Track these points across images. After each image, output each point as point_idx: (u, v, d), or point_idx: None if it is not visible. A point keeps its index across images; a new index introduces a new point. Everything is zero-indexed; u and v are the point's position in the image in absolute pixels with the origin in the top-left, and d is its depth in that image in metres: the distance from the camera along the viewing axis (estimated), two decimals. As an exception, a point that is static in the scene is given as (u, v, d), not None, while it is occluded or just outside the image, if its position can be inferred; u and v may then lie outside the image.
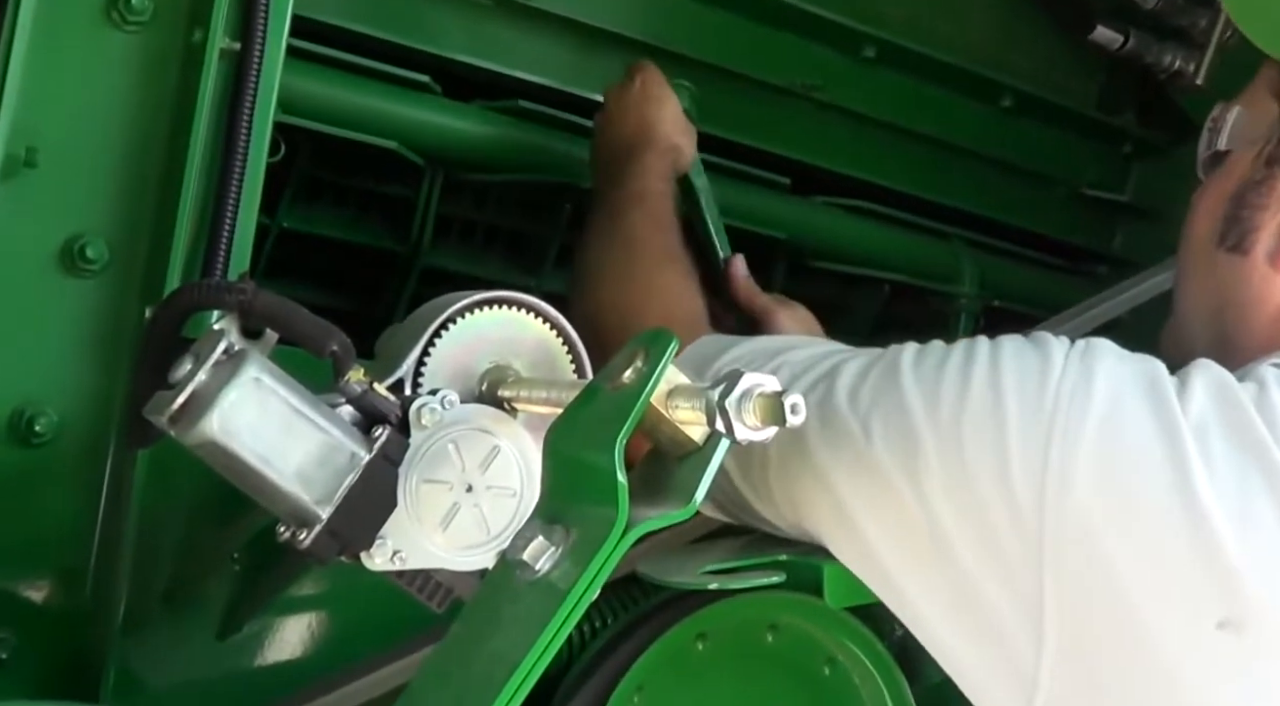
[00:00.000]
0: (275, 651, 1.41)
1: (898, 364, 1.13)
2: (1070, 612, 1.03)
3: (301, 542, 1.01)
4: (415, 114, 1.73)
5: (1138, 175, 2.46)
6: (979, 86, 2.21)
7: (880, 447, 1.09)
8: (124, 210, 1.25)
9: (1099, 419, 1.03)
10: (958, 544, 1.06)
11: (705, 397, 0.88)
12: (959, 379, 1.08)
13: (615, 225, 1.58)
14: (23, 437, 1.23)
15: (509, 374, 1.12)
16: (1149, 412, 1.03)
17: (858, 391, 1.13)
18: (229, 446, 0.98)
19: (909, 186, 2.21)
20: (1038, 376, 1.06)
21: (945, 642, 1.12)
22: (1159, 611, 1.01)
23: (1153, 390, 1.05)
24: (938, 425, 1.07)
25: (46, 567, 1.28)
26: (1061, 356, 1.07)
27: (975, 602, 1.07)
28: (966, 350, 1.11)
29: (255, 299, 1.04)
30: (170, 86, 1.25)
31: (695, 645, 1.42)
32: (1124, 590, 1.02)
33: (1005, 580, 1.04)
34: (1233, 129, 1.32)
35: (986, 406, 1.06)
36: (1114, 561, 1.01)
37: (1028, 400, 1.05)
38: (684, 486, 0.90)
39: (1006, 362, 1.08)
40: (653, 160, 1.65)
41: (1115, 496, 1.02)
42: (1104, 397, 1.04)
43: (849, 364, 1.17)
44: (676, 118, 1.73)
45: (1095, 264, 2.51)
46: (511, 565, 0.92)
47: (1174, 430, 1.02)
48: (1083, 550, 1.02)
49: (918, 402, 1.09)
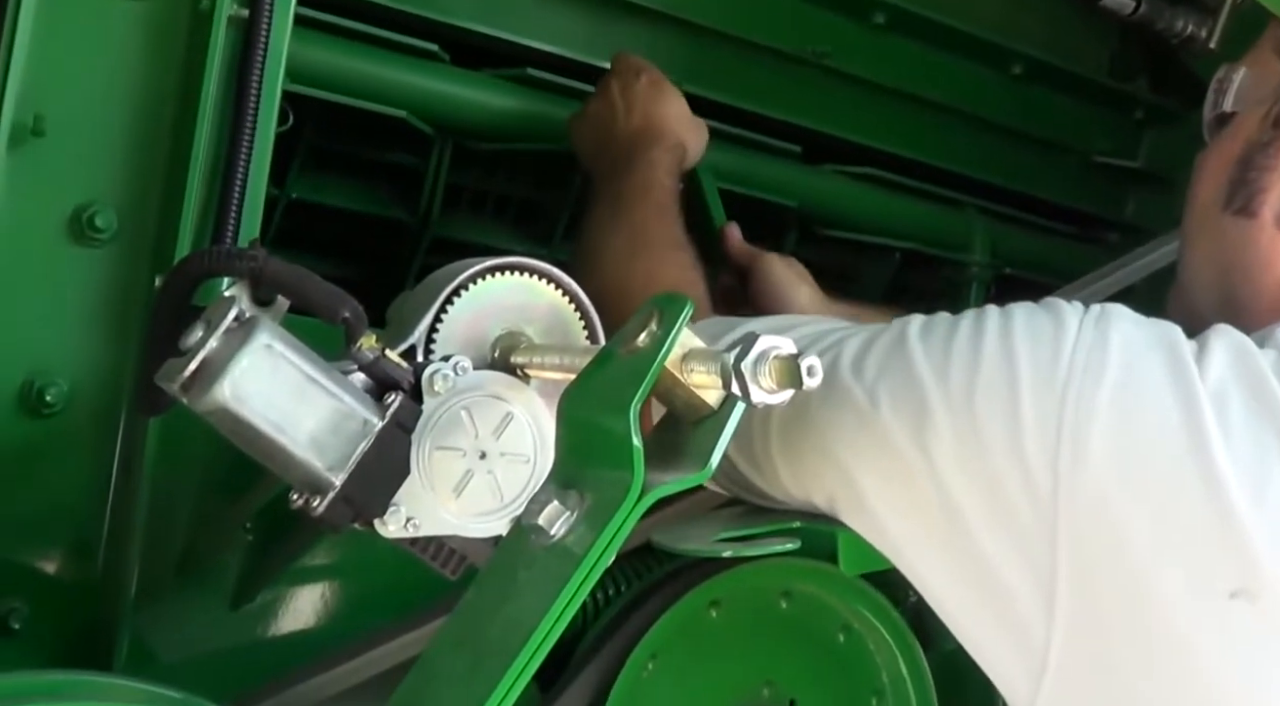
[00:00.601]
0: (289, 621, 1.41)
1: (905, 335, 1.11)
2: (1083, 582, 1.01)
3: (315, 510, 1.01)
4: (424, 83, 1.72)
5: (1150, 141, 2.44)
6: (990, 53, 2.20)
7: (888, 418, 1.07)
8: (133, 179, 1.25)
9: (1114, 385, 1.01)
10: (969, 513, 1.05)
11: (721, 361, 0.88)
12: (969, 346, 1.07)
13: (620, 214, 1.57)
14: (33, 408, 1.23)
15: (521, 340, 1.11)
16: (1165, 378, 1.02)
17: (862, 363, 1.11)
18: (241, 413, 0.98)
19: (920, 154, 2.19)
20: (1051, 342, 1.04)
21: (956, 612, 1.11)
22: (1172, 579, 1.00)
23: (1170, 355, 1.03)
24: (948, 393, 1.06)
25: (58, 538, 1.29)
26: (1075, 322, 1.06)
27: (986, 573, 1.06)
28: (976, 318, 1.09)
29: (266, 265, 1.04)
30: (178, 54, 1.25)
31: (709, 612, 1.42)
32: (1137, 558, 1.00)
33: (1017, 549, 1.03)
34: (1238, 90, 1.30)
35: (998, 373, 1.04)
36: (1127, 529, 1.00)
37: (1041, 366, 1.03)
38: (699, 450, 0.90)
39: (1018, 329, 1.06)
40: (660, 154, 1.64)
41: (1130, 463, 1.00)
42: (1119, 363, 1.02)
43: (853, 338, 1.15)
44: (683, 114, 1.73)
45: (1107, 231, 2.50)
46: (526, 530, 0.92)
47: (1191, 396, 1.00)
48: (1096, 518, 1.01)
49: (927, 371, 1.07)
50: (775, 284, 1.70)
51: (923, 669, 1.53)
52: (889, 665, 1.52)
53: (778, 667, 1.47)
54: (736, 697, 1.45)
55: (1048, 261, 2.32)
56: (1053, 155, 2.37)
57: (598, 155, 1.70)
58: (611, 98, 1.72)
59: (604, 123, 1.71)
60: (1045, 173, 2.37)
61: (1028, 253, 2.33)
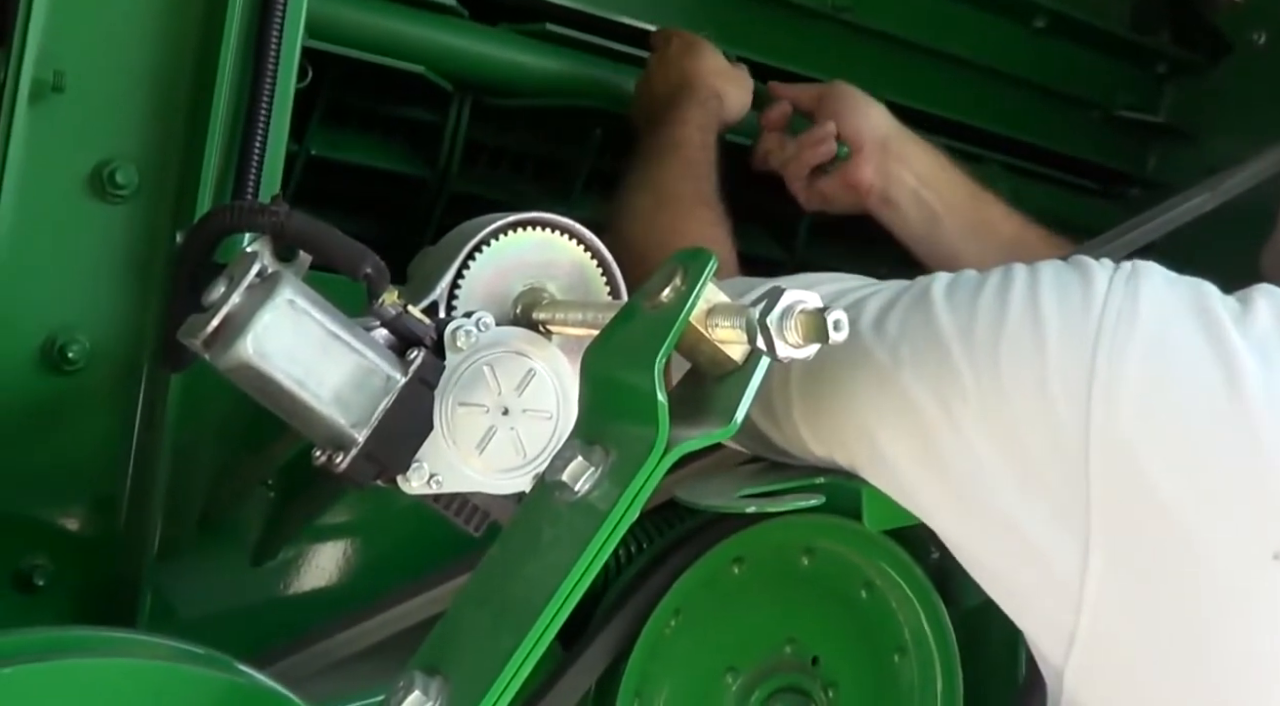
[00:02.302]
0: (310, 578, 1.41)
1: (929, 292, 1.10)
2: (1117, 539, 1.01)
3: (338, 466, 1.01)
4: (442, 38, 1.71)
5: (1171, 96, 2.43)
6: (1011, 6, 2.19)
7: (910, 375, 1.07)
8: (153, 135, 1.24)
9: (1146, 340, 1.00)
10: (994, 471, 1.04)
11: (746, 316, 0.87)
12: (995, 303, 1.06)
13: (647, 172, 1.58)
14: (55, 365, 1.23)
15: (544, 296, 1.11)
16: (1200, 334, 1.00)
17: (884, 320, 1.11)
18: (264, 369, 0.98)
19: (940, 109, 2.18)
20: (1080, 299, 1.03)
21: (984, 567, 1.11)
22: (1213, 539, 0.99)
23: (1204, 312, 1.01)
24: (972, 349, 1.05)
25: (81, 495, 1.29)
26: (1105, 278, 1.04)
27: (1014, 529, 1.05)
28: (1003, 275, 1.08)
29: (288, 220, 1.04)
30: (198, 9, 1.24)
31: (731, 569, 1.42)
32: (1176, 518, 0.99)
33: (1047, 506, 1.02)
34: None
35: (1025, 329, 1.03)
36: (1164, 489, 0.99)
37: (1070, 323, 1.02)
38: (724, 406, 0.89)
39: (1045, 285, 1.05)
40: (692, 109, 1.65)
41: (1165, 420, 0.99)
42: (1151, 318, 1.01)
43: (875, 296, 1.15)
44: (719, 67, 1.74)
45: (1128, 186, 2.49)
46: (550, 486, 0.91)
47: (1229, 352, 0.99)
48: (1130, 478, 0.99)
49: (951, 328, 1.06)
50: (853, 104, 1.76)
51: (945, 625, 1.53)
52: (911, 621, 1.52)
53: (800, 624, 1.47)
54: (759, 654, 1.45)
55: (1069, 217, 2.30)
56: (1074, 110, 2.37)
57: (644, 125, 1.71)
58: (649, 67, 1.75)
59: (643, 92, 1.74)
60: (1067, 127, 2.36)
61: (1050, 208, 2.30)
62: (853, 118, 1.74)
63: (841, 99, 1.76)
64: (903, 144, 1.74)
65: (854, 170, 1.71)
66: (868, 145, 1.72)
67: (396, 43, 1.66)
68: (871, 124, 1.74)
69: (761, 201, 2.00)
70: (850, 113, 1.74)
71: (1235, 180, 1.81)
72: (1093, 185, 2.44)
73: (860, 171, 1.71)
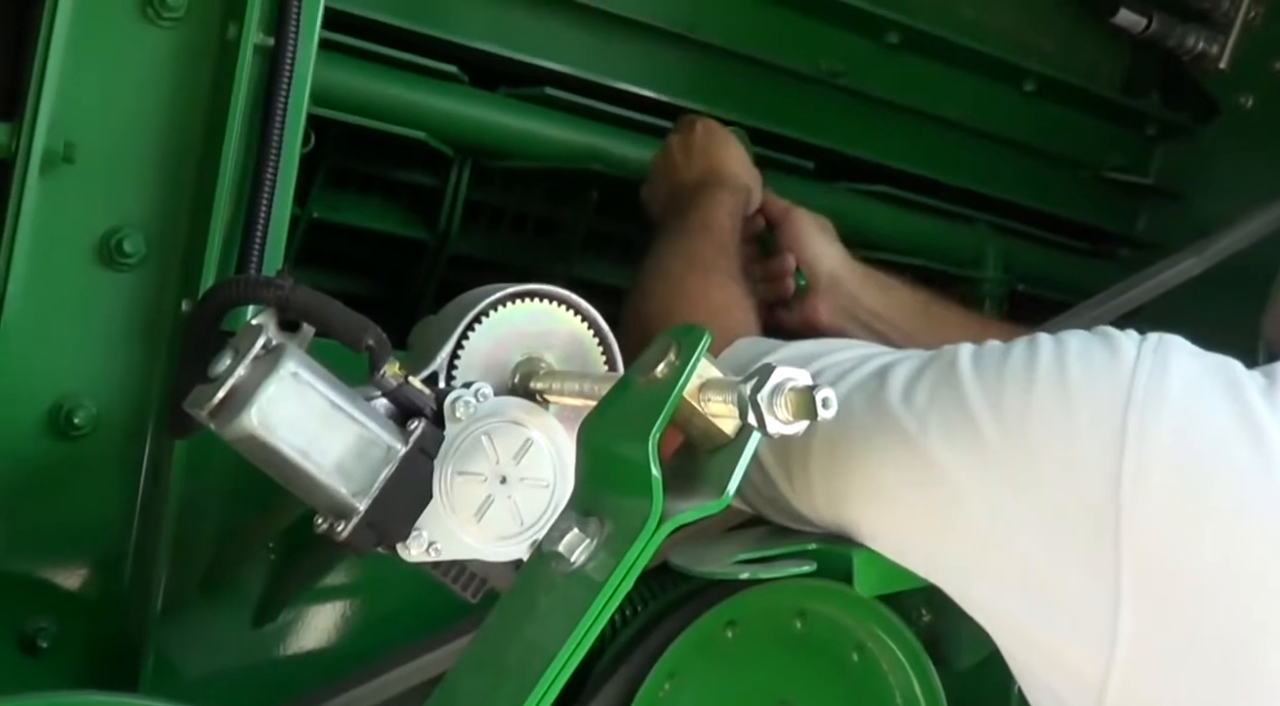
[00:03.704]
0: (310, 640, 1.42)
1: (955, 362, 1.11)
2: (1150, 608, 1.01)
3: (340, 534, 1.02)
4: (443, 103, 1.74)
5: (1161, 157, 2.46)
6: (1003, 71, 2.22)
7: (938, 442, 1.08)
8: (161, 204, 1.27)
9: (1176, 409, 1.01)
10: (1024, 540, 1.05)
11: (737, 392, 0.90)
12: (1023, 373, 1.06)
13: (680, 245, 1.61)
14: (62, 430, 1.25)
15: (541, 366, 1.13)
16: (1230, 406, 1.01)
17: (913, 390, 1.12)
18: (268, 440, 0.99)
19: (933, 171, 2.21)
20: (1108, 366, 1.04)
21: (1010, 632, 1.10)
22: (1245, 603, 0.99)
23: (1232, 386, 1.02)
24: (1002, 421, 1.05)
25: (85, 557, 1.30)
26: (1134, 348, 1.05)
27: (1043, 596, 1.05)
28: (1029, 345, 1.09)
29: (293, 294, 1.06)
30: (205, 82, 1.27)
31: (725, 632, 1.43)
32: (1208, 583, 1.00)
33: (1078, 575, 1.02)
34: None
35: (1054, 402, 1.04)
36: (1195, 555, 0.99)
37: (1099, 390, 1.03)
38: (716, 478, 0.92)
39: (1073, 356, 1.06)
40: (725, 196, 1.70)
41: (1195, 490, 1.00)
42: (1181, 388, 1.02)
43: (900, 365, 1.16)
44: (743, 157, 1.79)
45: (1118, 246, 2.51)
46: (547, 557, 0.93)
47: (1258, 427, 1.00)
48: (1162, 543, 1.00)
49: (979, 400, 1.07)
50: (809, 238, 1.79)
51: (936, 688, 1.54)
52: (902, 684, 1.53)
53: (792, 687, 1.48)
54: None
55: (1060, 277, 2.34)
56: (1065, 171, 2.39)
57: (667, 205, 1.74)
58: (672, 152, 1.78)
59: (669, 174, 1.77)
60: (1057, 188, 2.39)
61: (1040, 268, 2.34)
62: (808, 250, 1.79)
63: (798, 230, 1.80)
64: (853, 280, 1.78)
65: (810, 311, 1.76)
66: (822, 282, 1.78)
67: (398, 109, 1.69)
68: (825, 261, 1.79)
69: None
70: (807, 245, 1.79)
71: (1222, 244, 1.84)
72: (1083, 245, 2.46)
73: (816, 313, 1.76)
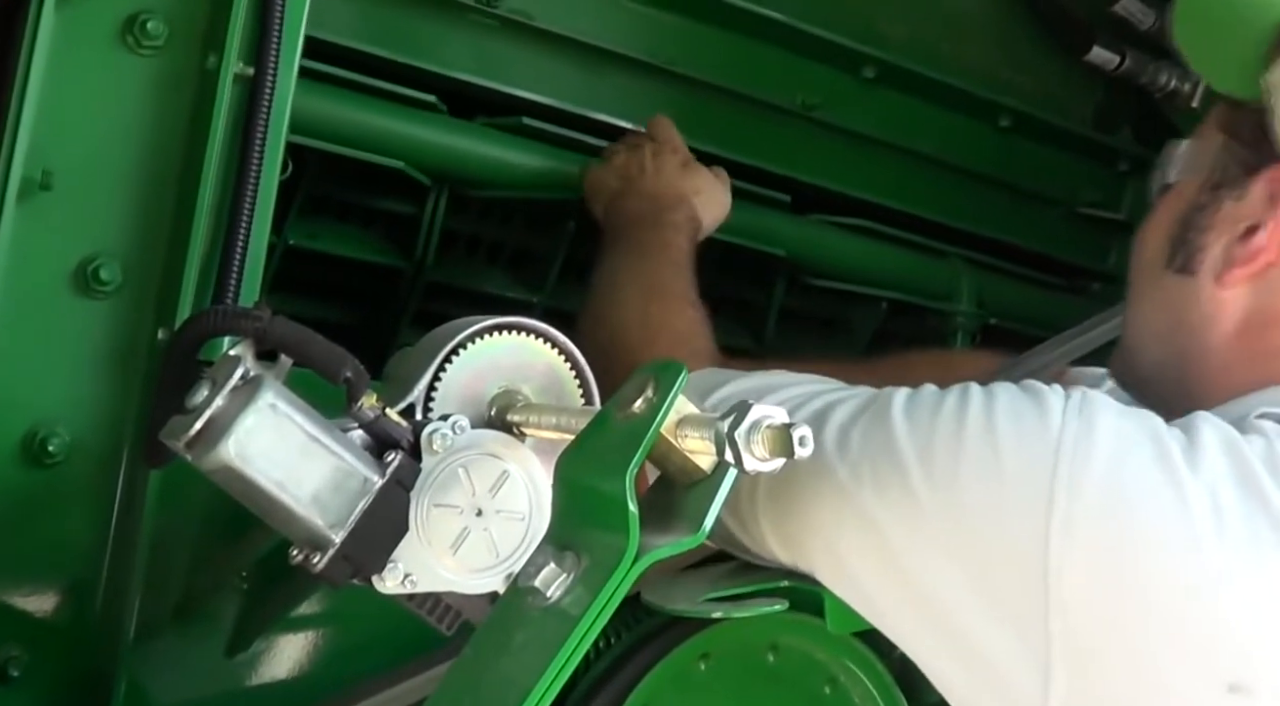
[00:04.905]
0: (283, 669, 1.42)
1: (888, 412, 1.12)
2: (1078, 661, 1.02)
3: (315, 566, 1.02)
4: (421, 132, 1.75)
5: (1133, 193, 2.47)
6: (977, 106, 2.24)
7: (871, 496, 1.09)
8: (138, 232, 1.27)
9: (1102, 473, 1.02)
10: (953, 594, 1.06)
11: (715, 428, 0.90)
12: (954, 427, 1.07)
13: (638, 266, 1.63)
14: (35, 458, 1.25)
15: (518, 399, 1.13)
16: (1155, 470, 1.02)
17: (848, 436, 1.12)
18: (245, 472, 0.99)
19: (907, 205, 2.23)
20: (1036, 430, 1.05)
21: (944, 680, 1.12)
22: (1170, 669, 1.01)
23: (1156, 446, 1.04)
24: (931, 473, 1.07)
25: (58, 586, 1.29)
26: (1060, 408, 1.06)
27: (973, 649, 1.07)
28: (960, 400, 1.09)
29: (270, 326, 1.05)
30: (184, 111, 1.27)
31: (698, 665, 1.43)
32: (1135, 647, 1.01)
33: (1006, 629, 1.04)
34: (1181, 161, 1.34)
35: (982, 462, 1.05)
36: (1124, 618, 1.01)
37: (1026, 450, 1.04)
38: (693, 514, 0.92)
39: (1001, 411, 1.07)
40: (682, 220, 1.72)
41: (1122, 554, 1.01)
42: (1106, 451, 1.03)
43: (838, 408, 1.16)
44: (705, 193, 1.82)
45: (1090, 281, 2.53)
46: (523, 592, 0.93)
47: (1181, 488, 1.01)
48: (1091, 606, 1.01)
49: (909, 449, 1.08)
50: None
51: (907, 720, 1.54)
52: (874, 717, 1.54)
53: (765, 720, 1.49)
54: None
55: (1032, 311, 2.35)
56: (1038, 206, 2.41)
57: (615, 204, 1.76)
58: (643, 157, 1.79)
59: (630, 176, 1.78)
60: (1030, 223, 2.41)
61: (1013, 302, 2.35)
62: None
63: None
64: None
65: None
66: None
67: (376, 137, 1.70)
68: None
69: (732, 293, 2.04)
70: None
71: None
72: (1056, 280, 2.48)
73: None
